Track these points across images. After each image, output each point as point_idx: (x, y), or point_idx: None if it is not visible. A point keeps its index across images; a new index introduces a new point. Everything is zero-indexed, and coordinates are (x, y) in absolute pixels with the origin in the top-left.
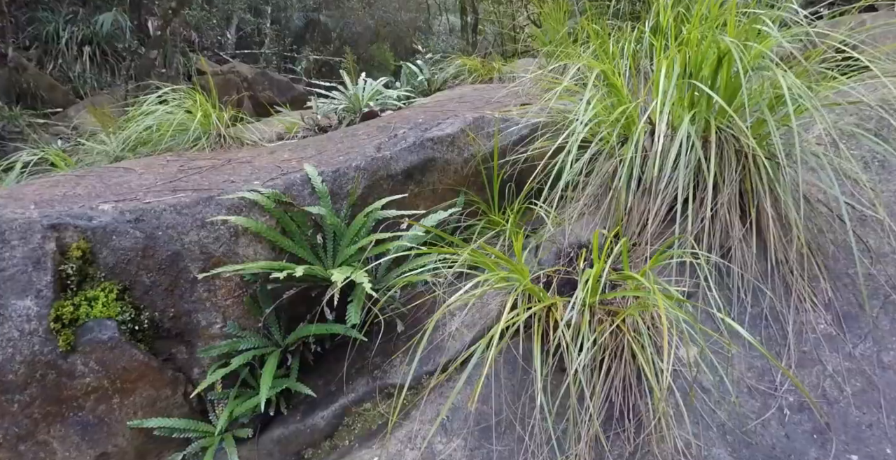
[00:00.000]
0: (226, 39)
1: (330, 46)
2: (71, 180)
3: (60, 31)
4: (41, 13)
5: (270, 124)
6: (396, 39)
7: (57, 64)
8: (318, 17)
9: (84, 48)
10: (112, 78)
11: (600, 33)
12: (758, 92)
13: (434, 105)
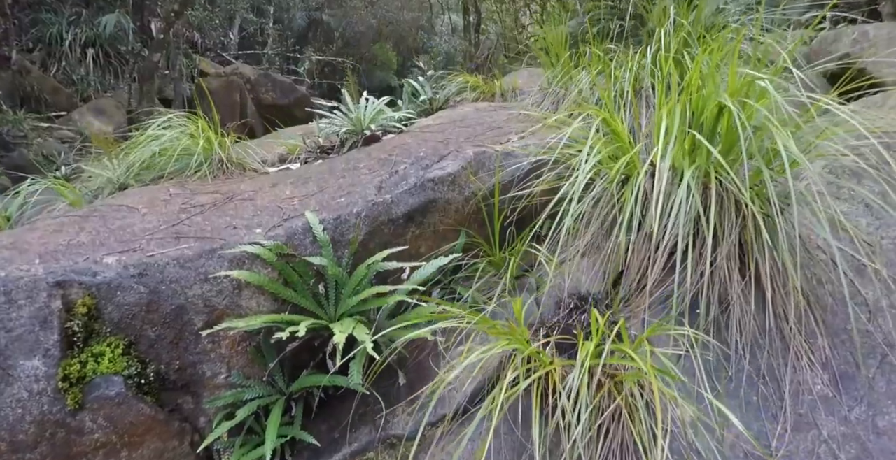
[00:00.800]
0: (228, 40)
1: (332, 46)
2: (75, 223)
3: (64, 33)
4: (44, 15)
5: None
6: (399, 39)
7: (60, 66)
8: (321, 17)
9: (87, 50)
10: (115, 80)
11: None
12: (757, 139)
13: (436, 129)
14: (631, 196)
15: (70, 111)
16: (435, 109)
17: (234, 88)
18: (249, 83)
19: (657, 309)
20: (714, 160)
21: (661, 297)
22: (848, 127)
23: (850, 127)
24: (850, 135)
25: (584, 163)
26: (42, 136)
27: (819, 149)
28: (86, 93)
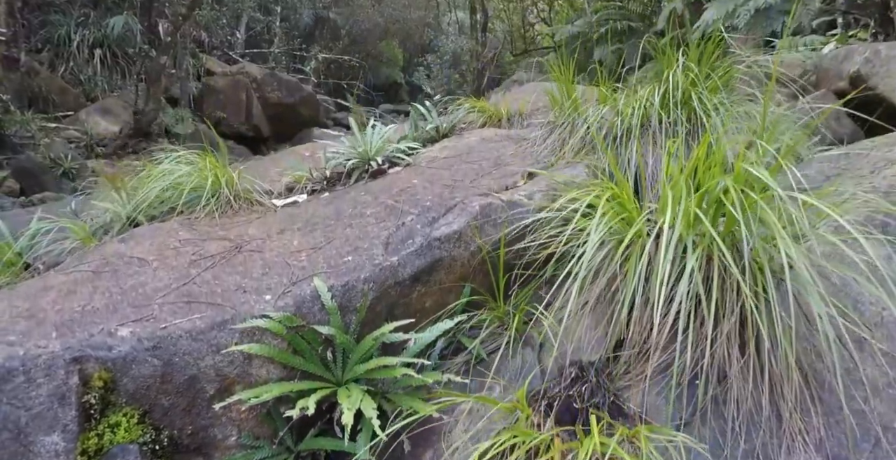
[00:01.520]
0: (235, 39)
1: (339, 43)
2: (88, 282)
3: (72, 34)
4: (53, 16)
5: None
6: (406, 36)
7: (68, 67)
8: (328, 15)
9: (95, 51)
10: (122, 80)
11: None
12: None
13: (442, 164)
14: (634, 267)
15: (77, 111)
16: (441, 136)
17: (241, 87)
18: (255, 82)
19: (657, 378)
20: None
21: (661, 366)
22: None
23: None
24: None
25: (593, 231)
26: (49, 136)
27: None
28: (93, 93)
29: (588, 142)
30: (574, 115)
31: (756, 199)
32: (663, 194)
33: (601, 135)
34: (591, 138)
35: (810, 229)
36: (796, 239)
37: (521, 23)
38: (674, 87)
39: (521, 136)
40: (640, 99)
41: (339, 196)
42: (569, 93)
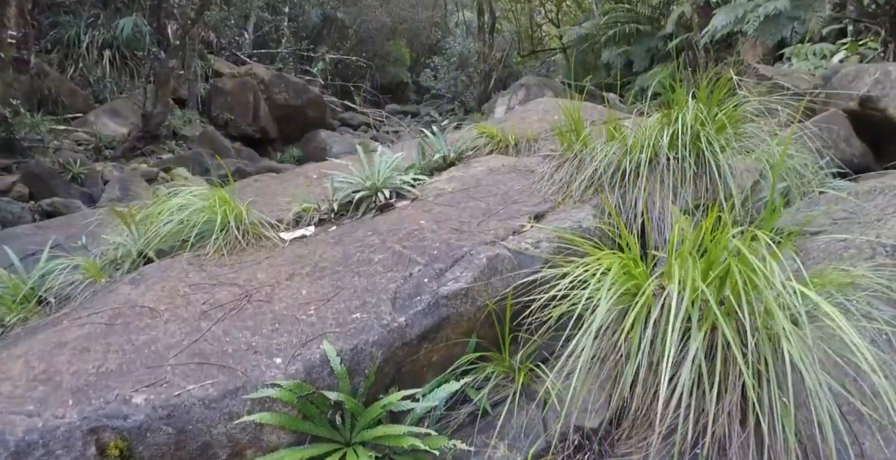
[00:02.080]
0: (243, 39)
1: (346, 43)
2: (100, 337)
3: (81, 36)
4: (63, 17)
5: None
6: (413, 36)
7: (77, 68)
8: (336, 14)
9: (104, 52)
10: (131, 81)
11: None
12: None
13: (448, 199)
14: (640, 334)
15: (86, 113)
16: (448, 165)
17: (248, 89)
18: (263, 83)
19: (660, 446)
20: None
21: (664, 433)
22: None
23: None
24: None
25: (602, 300)
26: (59, 139)
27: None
28: (102, 94)
29: (596, 179)
30: (582, 149)
31: (757, 283)
32: (669, 263)
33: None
34: (599, 175)
35: (815, 300)
36: (795, 322)
37: (528, 23)
38: (682, 129)
39: (529, 168)
40: (648, 136)
41: (346, 233)
42: (577, 130)
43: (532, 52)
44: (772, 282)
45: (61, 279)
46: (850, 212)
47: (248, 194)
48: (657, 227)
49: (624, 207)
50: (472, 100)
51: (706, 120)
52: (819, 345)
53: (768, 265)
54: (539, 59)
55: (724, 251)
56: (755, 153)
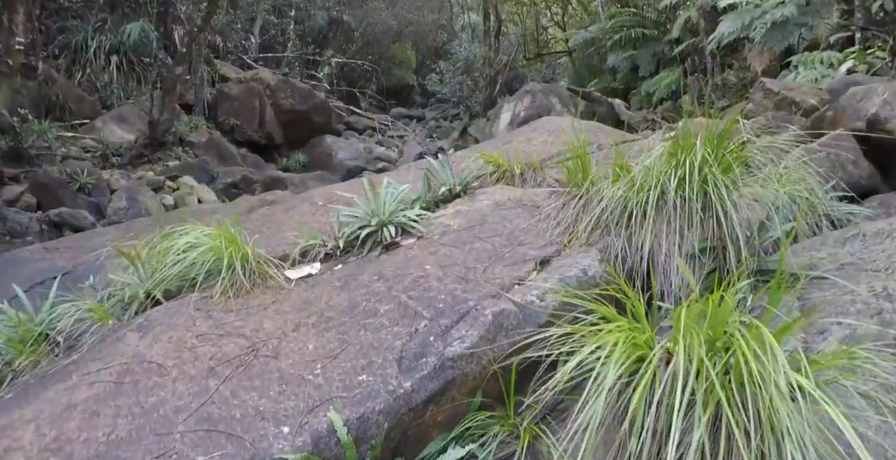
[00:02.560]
0: (250, 43)
1: (352, 46)
2: (109, 398)
3: (89, 41)
4: (71, 22)
5: (294, 234)
6: (419, 38)
7: (85, 73)
8: (342, 17)
9: (111, 57)
10: (138, 86)
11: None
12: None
13: (453, 239)
14: (644, 406)
15: (93, 119)
16: (454, 196)
17: (254, 94)
18: (269, 89)
19: None
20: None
21: None
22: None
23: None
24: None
25: (609, 373)
26: (66, 146)
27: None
28: (109, 100)
29: (603, 220)
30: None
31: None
32: (674, 336)
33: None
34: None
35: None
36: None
37: (534, 26)
38: (690, 172)
39: (534, 203)
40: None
41: (352, 274)
42: (584, 169)
43: (538, 55)
44: (773, 377)
45: (69, 322)
46: (857, 257)
47: (255, 223)
48: (663, 271)
49: (630, 250)
50: (477, 104)
51: (713, 162)
52: (821, 433)
53: (770, 351)
54: (545, 62)
55: (726, 328)
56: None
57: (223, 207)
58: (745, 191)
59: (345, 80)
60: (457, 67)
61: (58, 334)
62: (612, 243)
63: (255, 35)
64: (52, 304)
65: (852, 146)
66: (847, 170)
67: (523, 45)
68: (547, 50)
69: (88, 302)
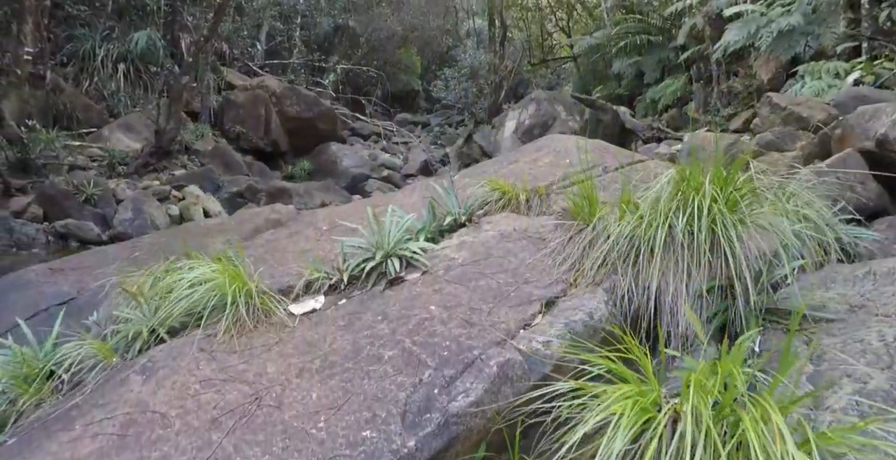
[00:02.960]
0: (255, 50)
1: (358, 51)
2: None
3: (97, 49)
4: (79, 30)
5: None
6: (424, 44)
7: (93, 81)
8: (347, 23)
9: (119, 65)
10: (145, 94)
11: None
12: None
13: (458, 274)
14: None
15: (100, 127)
16: (459, 225)
17: (260, 102)
18: (275, 96)
19: None
20: None
21: None
22: None
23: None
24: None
25: (617, 439)
26: (73, 155)
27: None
28: (116, 108)
29: (609, 258)
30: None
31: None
32: (683, 399)
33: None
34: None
35: None
36: None
37: (539, 32)
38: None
39: (540, 235)
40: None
41: (356, 311)
42: (591, 205)
43: (543, 60)
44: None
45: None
46: (867, 298)
47: (259, 250)
48: (670, 311)
49: (637, 290)
50: (482, 111)
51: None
52: None
53: (778, 431)
54: (549, 67)
55: (735, 395)
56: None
57: (229, 225)
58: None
59: (350, 85)
60: (462, 74)
61: (63, 370)
62: (618, 282)
63: (262, 42)
64: (57, 339)
65: (861, 166)
66: (855, 192)
67: (528, 50)
68: (552, 55)
69: (92, 341)
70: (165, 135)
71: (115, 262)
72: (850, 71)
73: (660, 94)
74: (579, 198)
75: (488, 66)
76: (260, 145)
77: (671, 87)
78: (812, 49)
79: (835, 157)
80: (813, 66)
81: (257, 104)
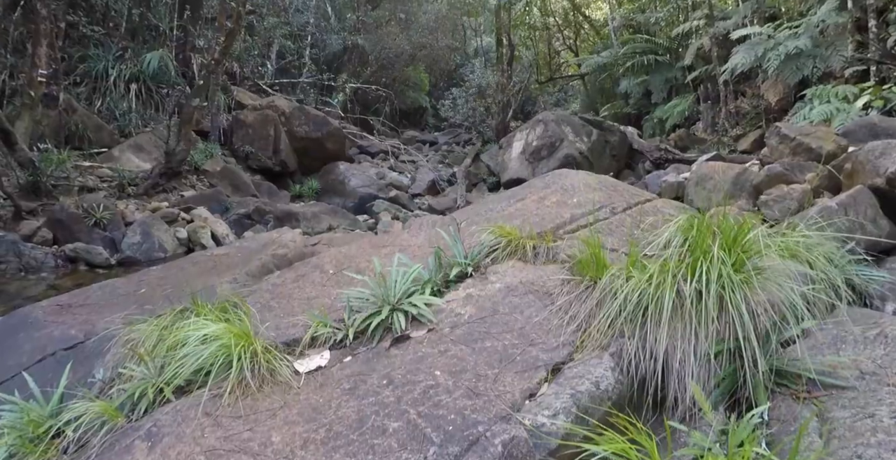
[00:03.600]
0: (266, 69)
1: (367, 69)
2: None
3: (110, 69)
4: (92, 51)
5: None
6: (432, 61)
7: (105, 101)
8: (357, 41)
9: (131, 85)
10: (156, 113)
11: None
12: None
13: (464, 334)
14: None
15: (111, 147)
16: (465, 275)
17: (269, 122)
18: (284, 116)
19: None
20: None
21: None
22: None
23: None
24: None
25: None
26: (84, 175)
27: None
28: (127, 128)
29: (617, 320)
30: (604, 286)
31: None
32: None
33: (630, 311)
34: (620, 316)
35: None
36: None
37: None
38: (707, 278)
39: (546, 289)
40: (672, 275)
41: (361, 374)
42: (598, 262)
43: (550, 78)
44: None
45: (80, 420)
46: (878, 365)
47: (265, 296)
48: (678, 375)
49: (644, 354)
50: (489, 130)
51: (728, 263)
52: None
53: None
54: (557, 85)
55: None
56: (778, 287)
57: (235, 258)
58: (762, 283)
59: (359, 102)
60: (469, 94)
61: (70, 430)
62: (625, 345)
63: (272, 60)
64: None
65: (871, 203)
66: (866, 231)
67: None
68: (559, 73)
69: (99, 402)
70: (175, 156)
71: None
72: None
73: (667, 113)
74: (587, 254)
75: (496, 86)
76: (269, 165)
77: (679, 106)
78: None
79: (845, 195)
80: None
81: (266, 124)
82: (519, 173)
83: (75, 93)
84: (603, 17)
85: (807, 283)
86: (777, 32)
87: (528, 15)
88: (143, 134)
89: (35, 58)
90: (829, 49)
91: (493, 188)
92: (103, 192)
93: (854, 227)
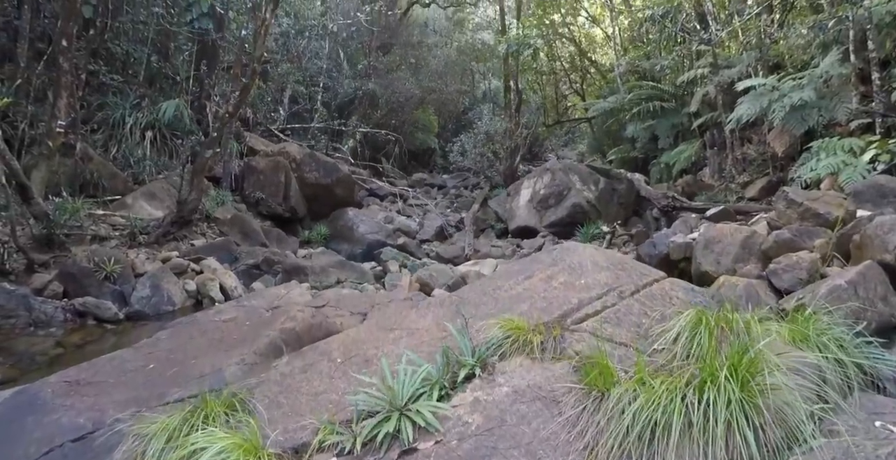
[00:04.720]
0: (278, 115)
1: (377, 112)
2: None
3: (126, 117)
4: (111, 98)
5: (311, 418)
6: (441, 104)
7: (121, 148)
8: (368, 85)
9: (146, 133)
10: (170, 160)
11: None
12: None
13: (472, 449)
14: None
15: (125, 195)
16: (472, 377)
17: (280, 168)
18: (295, 162)
19: None
20: None
21: None
22: None
23: None
24: None
25: None
26: (96, 223)
27: None
28: (141, 176)
29: (625, 441)
30: (611, 404)
31: None
32: None
33: (638, 430)
34: (628, 436)
35: None
36: None
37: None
38: (715, 406)
39: (554, 396)
40: (680, 395)
41: None
42: (605, 374)
43: (558, 121)
44: None
45: None
46: None
47: (272, 389)
48: None
49: None
50: (497, 175)
51: (735, 386)
52: None
53: None
54: (564, 128)
55: None
56: (786, 403)
57: (243, 328)
58: (768, 401)
59: (368, 144)
60: (478, 140)
61: None
62: None
63: (285, 105)
64: None
65: (882, 280)
66: (877, 309)
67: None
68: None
69: None
70: (187, 205)
71: (131, 376)
72: (866, 149)
73: (674, 158)
74: (594, 360)
75: (504, 132)
76: (279, 211)
77: (685, 152)
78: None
79: (854, 272)
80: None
81: (278, 170)
82: (527, 221)
83: (92, 140)
84: (609, 63)
85: (817, 372)
86: (781, 83)
87: (536, 60)
88: (156, 181)
89: (55, 109)
90: (833, 100)
91: (501, 235)
92: (115, 241)
93: (865, 305)
